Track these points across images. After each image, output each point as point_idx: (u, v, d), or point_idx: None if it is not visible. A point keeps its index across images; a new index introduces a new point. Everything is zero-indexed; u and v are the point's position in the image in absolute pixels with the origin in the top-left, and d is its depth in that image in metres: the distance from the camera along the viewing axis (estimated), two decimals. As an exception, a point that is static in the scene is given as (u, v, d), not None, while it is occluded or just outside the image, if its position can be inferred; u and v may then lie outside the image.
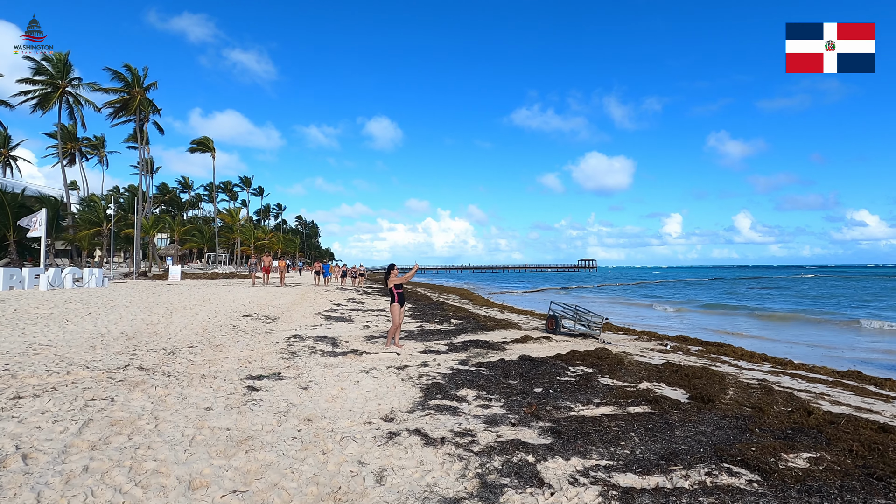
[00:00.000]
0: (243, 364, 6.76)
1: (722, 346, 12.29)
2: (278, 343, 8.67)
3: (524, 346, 9.87)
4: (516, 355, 8.56)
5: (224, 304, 14.02)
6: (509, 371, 7.08)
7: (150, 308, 12.10)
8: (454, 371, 7.00)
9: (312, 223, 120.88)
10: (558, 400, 5.63)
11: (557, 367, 7.41)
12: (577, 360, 8.25)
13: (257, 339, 8.91)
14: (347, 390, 5.68)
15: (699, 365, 8.15)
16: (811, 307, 27.07)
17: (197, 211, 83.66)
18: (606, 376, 7.05)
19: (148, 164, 61.13)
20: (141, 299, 14.04)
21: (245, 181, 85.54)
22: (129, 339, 8.30)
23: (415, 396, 5.56)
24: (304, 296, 19.14)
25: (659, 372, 7.49)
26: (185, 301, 14.21)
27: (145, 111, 40.40)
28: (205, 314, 11.79)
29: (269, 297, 17.03)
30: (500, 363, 7.63)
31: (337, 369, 6.76)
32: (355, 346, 8.75)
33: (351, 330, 10.93)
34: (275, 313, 13.01)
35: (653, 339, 13.23)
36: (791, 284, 56.79)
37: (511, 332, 12.02)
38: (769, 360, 10.08)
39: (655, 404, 5.48)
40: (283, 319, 12.03)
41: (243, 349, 7.89)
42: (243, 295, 17.15)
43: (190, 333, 9.18)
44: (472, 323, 13.31)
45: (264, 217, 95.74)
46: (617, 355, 8.77)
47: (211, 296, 16.39)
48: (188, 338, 8.71)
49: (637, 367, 7.80)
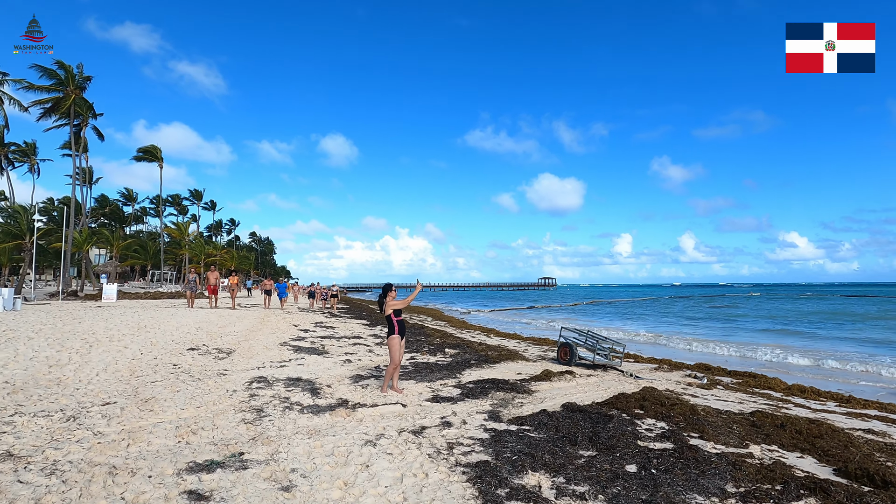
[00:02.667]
0: (184, 436, 4.48)
1: (755, 376, 10.85)
2: (237, 392, 6.36)
3: (552, 385, 7.97)
4: (556, 403, 6.64)
5: (165, 333, 11.37)
6: (567, 431, 5.14)
7: (62, 341, 9.37)
8: (492, 435, 4.99)
9: (268, 240, 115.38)
10: (678, 490, 3.74)
11: (625, 423, 5.53)
12: (635, 408, 6.43)
13: (207, 387, 6.56)
14: (356, 486, 3.56)
15: (803, 416, 6.43)
16: (790, 327, 26.77)
17: (142, 226, 77.69)
18: (695, 435, 5.25)
19: (86, 174, 55.86)
20: (54, 328, 11.17)
21: (196, 194, 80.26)
22: (14, 391, 5.76)
23: (464, 494, 3.51)
24: (264, 320, 16.53)
25: (755, 426, 5.75)
26: (113, 329, 11.45)
27: (82, 114, 36.48)
28: (137, 347, 9.20)
29: (221, 323, 14.38)
30: (544, 417, 5.67)
31: (328, 439, 4.60)
32: (343, 394, 6.56)
33: (329, 367, 8.68)
34: (229, 344, 10.53)
35: (674, 368, 11.65)
36: (750, 302, 58.07)
37: (521, 365, 10.11)
38: (833, 398, 8.62)
39: (820, 494, 3.68)
40: (241, 353, 9.61)
41: (186, 405, 5.56)
42: (189, 320, 14.41)
43: (110, 379, 6.70)
44: (470, 353, 11.30)
45: (216, 233, 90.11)
46: (677, 399, 7.02)
47: (149, 321, 13.60)
48: (106, 387, 6.25)
49: (717, 417, 6.05)
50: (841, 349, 17.97)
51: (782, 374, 11.90)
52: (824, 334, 23.10)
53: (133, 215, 73.16)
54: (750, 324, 28.89)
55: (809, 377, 12.19)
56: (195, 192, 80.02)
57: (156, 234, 62.75)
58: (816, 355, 15.96)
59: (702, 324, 29.36)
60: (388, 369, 6.83)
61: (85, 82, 34.44)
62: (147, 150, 52.00)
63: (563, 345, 10.88)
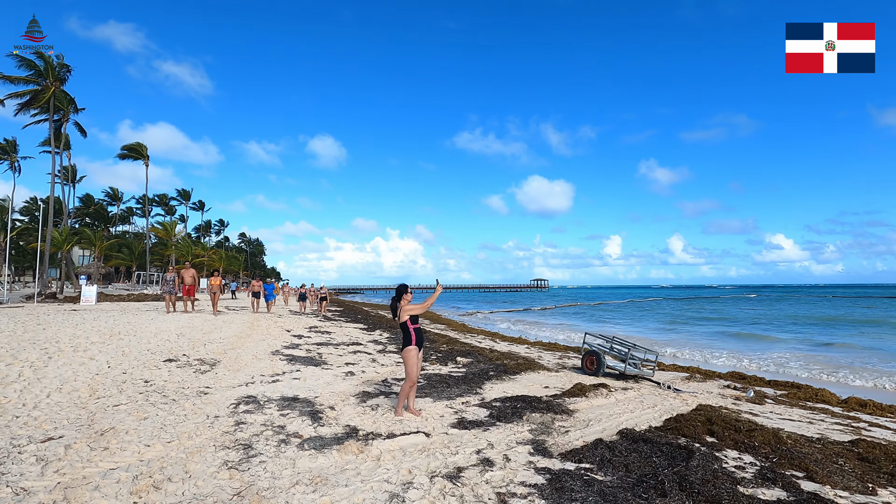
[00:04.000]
0: (142, 493, 3.29)
1: (799, 387, 9.84)
2: (219, 418, 5.16)
3: (590, 402, 6.85)
4: (607, 427, 5.53)
5: (140, 341, 10.10)
6: (641, 472, 4.03)
7: (15, 352, 8.06)
8: (549, 478, 3.86)
9: (257, 241, 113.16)
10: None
11: (708, 458, 4.42)
12: (703, 433, 5.34)
13: (183, 411, 5.35)
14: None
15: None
16: (804, 330, 26.00)
17: (128, 226, 75.51)
18: (799, 475, 4.15)
19: (69, 172, 53.89)
20: (11, 336, 9.83)
21: (183, 194, 78.31)
22: (-67, 423, 4.52)
23: None
24: (253, 325, 15.25)
25: (864, 460, 4.66)
26: (81, 337, 10.15)
27: (63, 108, 34.82)
28: (105, 359, 7.93)
29: (206, 329, 13.10)
30: (605, 451, 4.55)
31: (339, 491, 3.44)
32: (350, 419, 5.39)
33: (330, 381, 7.49)
34: (214, 354, 9.30)
35: (707, 377, 10.60)
36: (749, 304, 57.59)
37: (544, 376, 9.00)
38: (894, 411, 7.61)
39: None
40: (227, 364, 8.38)
41: (153, 440, 4.35)
42: (171, 326, 13.11)
43: (64, 402, 5.47)
44: (484, 361, 10.17)
45: (205, 233, 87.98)
46: (750, 422, 5.94)
47: (125, 327, 12.28)
48: (55, 413, 5.02)
49: (810, 446, 4.96)
50: (860, 356, 17.11)
51: (828, 385, 10.91)
52: (840, 338, 22.30)
53: (119, 215, 71.07)
54: (762, 327, 28.08)
55: (851, 386, 11.24)
56: (183, 191, 78.17)
57: (142, 235, 60.84)
58: (836, 362, 15.07)
59: (711, 327, 28.50)
60: (403, 387, 5.68)
61: (65, 73, 32.90)
62: (132, 147, 50.23)
63: (589, 353, 9.78)
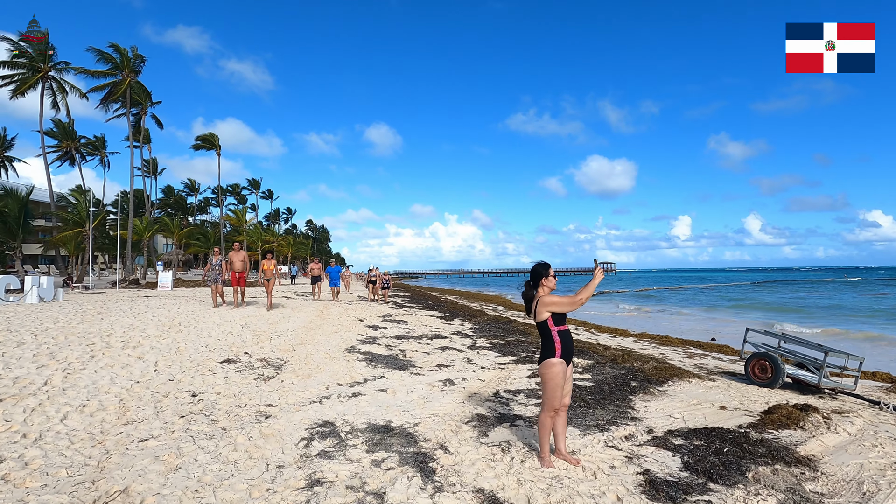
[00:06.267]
0: None
1: None
2: (284, 469, 3.40)
3: (823, 442, 4.48)
4: (884, 501, 3.21)
5: (200, 334, 8.83)
6: None
7: (59, 347, 6.89)
8: None
9: (323, 228, 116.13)
10: None
11: None
12: None
13: (232, 452, 3.65)
14: None
15: None
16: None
17: (206, 216, 79.36)
18: None
19: (151, 165, 56.73)
20: (65, 327, 8.86)
21: (253, 183, 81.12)
22: None
23: None
24: (323, 314, 13.90)
25: None
26: (137, 328, 9.03)
27: (140, 101, 35.84)
28: (153, 359, 6.57)
29: (272, 319, 11.82)
30: None
31: None
32: (479, 474, 3.42)
33: (426, 394, 5.63)
34: (280, 351, 7.78)
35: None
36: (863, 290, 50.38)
37: (699, 387, 6.65)
38: None
39: None
40: (295, 366, 6.78)
41: (177, 521, 2.63)
42: (235, 316, 11.94)
43: (78, 429, 3.96)
44: (609, 364, 7.94)
45: (274, 221, 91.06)
46: None
47: (188, 316, 11.23)
48: (55, 456, 3.48)
49: None
50: None
51: None
52: None
53: (196, 205, 74.66)
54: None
55: None
56: (253, 181, 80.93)
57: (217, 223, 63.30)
58: None
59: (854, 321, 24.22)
60: (542, 418, 3.65)
61: (139, 64, 33.62)
62: (205, 137, 52.10)
63: (759, 356, 7.27)
